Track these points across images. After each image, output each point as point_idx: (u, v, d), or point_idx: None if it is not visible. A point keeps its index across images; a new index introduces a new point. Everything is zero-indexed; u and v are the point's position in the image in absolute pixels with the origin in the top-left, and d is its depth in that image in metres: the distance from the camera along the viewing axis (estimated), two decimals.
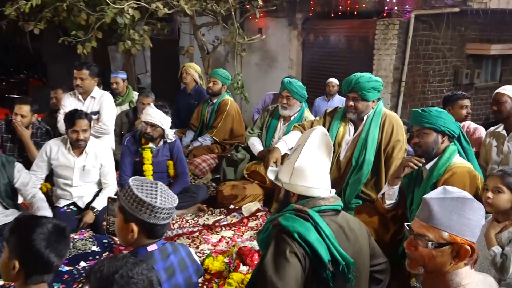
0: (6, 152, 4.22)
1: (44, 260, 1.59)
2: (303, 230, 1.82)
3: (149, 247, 1.81)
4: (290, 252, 1.80)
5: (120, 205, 1.82)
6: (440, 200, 1.49)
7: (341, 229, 1.94)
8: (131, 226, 1.78)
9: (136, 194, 1.75)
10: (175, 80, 6.82)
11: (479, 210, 1.49)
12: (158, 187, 1.82)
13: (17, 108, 4.15)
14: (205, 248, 3.42)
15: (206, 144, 5.31)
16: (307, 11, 7.87)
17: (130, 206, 1.76)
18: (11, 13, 5.73)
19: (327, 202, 1.96)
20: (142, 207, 1.75)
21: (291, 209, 1.95)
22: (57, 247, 1.62)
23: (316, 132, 2.05)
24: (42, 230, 1.62)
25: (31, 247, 1.59)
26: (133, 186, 1.78)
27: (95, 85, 4.62)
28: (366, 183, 3.42)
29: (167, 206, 1.79)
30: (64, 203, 3.74)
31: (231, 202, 4.14)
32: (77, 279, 2.95)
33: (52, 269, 1.62)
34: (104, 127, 4.54)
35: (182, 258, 1.92)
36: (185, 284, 1.87)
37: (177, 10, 6.34)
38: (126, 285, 1.31)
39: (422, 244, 1.49)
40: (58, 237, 1.64)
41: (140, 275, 1.34)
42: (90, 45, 6.15)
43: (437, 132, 2.71)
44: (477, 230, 1.48)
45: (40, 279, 1.61)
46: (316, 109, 6.52)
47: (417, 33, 6.71)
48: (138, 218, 1.76)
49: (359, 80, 3.34)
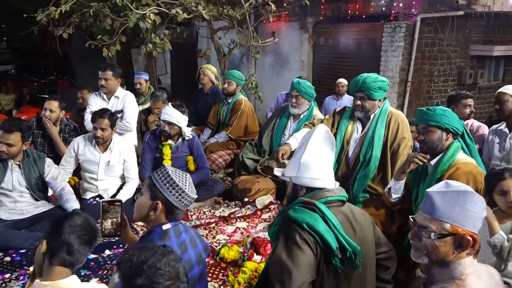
0: (37, 147, 4.28)
1: (66, 240, 1.61)
2: (312, 221, 1.85)
3: (164, 226, 1.90)
4: (301, 239, 1.82)
5: (151, 183, 1.91)
6: (442, 194, 1.49)
7: (347, 219, 1.95)
8: (157, 203, 1.87)
9: (171, 176, 1.88)
10: (193, 80, 6.84)
11: (480, 203, 1.48)
12: (188, 177, 1.96)
13: (46, 104, 4.21)
14: (221, 238, 3.43)
15: (222, 140, 5.33)
16: (318, 15, 7.82)
17: (163, 186, 1.87)
18: (42, 19, 5.80)
19: (332, 193, 1.98)
20: (173, 189, 1.87)
21: (299, 202, 1.98)
22: (80, 232, 1.65)
23: (319, 129, 2.08)
24: (72, 218, 1.67)
25: (58, 228, 1.64)
26: (169, 169, 1.91)
27: (118, 86, 4.66)
28: (373, 178, 3.40)
29: (191, 195, 1.92)
30: (91, 196, 3.79)
31: (245, 195, 4.14)
32: (102, 266, 2.99)
33: (73, 251, 1.62)
34: (127, 125, 4.57)
35: (192, 236, 1.99)
36: (196, 259, 1.94)
37: (196, 15, 6.35)
38: (154, 276, 1.31)
39: (426, 235, 1.49)
40: (84, 224, 1.68)
41: (168, 266, 1.35)
42: (115, 48, 6.19)
43: (441, 130, 2.67)
44: (478, 222, 1.47)
45: (61, 260, 1.61)
46: (325, 108, 6.48)
47: (423, 36, 6.62)
48: (165, 198, 1.87)
49: (366, 80, 3.32)
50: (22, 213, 3.31)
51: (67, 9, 5.65)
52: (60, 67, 18.72)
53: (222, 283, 2.83)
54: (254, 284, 2.76)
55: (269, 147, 4.54)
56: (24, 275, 2.87)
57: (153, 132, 4.15)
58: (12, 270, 2.93)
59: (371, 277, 2.04)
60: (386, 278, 2.19)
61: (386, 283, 2.19)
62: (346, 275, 1.87)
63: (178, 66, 11.82)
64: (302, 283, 1.77)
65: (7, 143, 3.13)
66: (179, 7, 5.98)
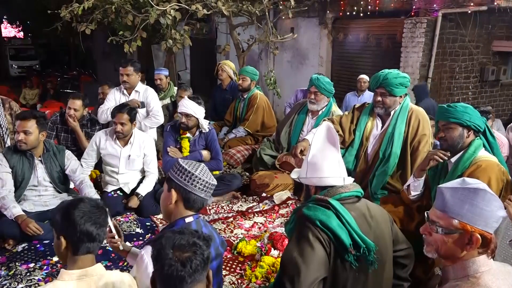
0: (61, 141, 4.36)
1: (84, 230, 1.61)
2: (325, 218, 1.85)
3: (186, 219, 1.90)
4: (313, 237, 1.83)
5: (167, 177, 1.95)
6: (453, 190, 1.49)
7: (362, 215, 1.94)
8: (171, 193, 1.88)
9: (181, 164, 1.90)
10: (212, 76, 6.86)
11: (493, 201, 1.45)
12: (202, 164, 1.95)
13: (70, 103, 4.27)
14: (239, 233, 3.45)
15: (240, 135, 5.34)
16: (337, 11, 7.75)
17: (174, 174, 1.90)
18: (66, 15, 5.91)
19: (346, 189, 1.97)
20: (182, 174, 1.87)
21: (313, 200, 1.99)
22: (92, 217, 1.64)
23: (321, 128, 2.09)
24: (78, 207, 1.65)
25: (70, 221, 1.62)
26: (181, 161, 1.93)
27: (139, 80, 4.71)
28: (392, 175, 3.36)
29: (204, 178, 1.88)
30: (112, 189, 3.85)
31: (263, 191, 4.14)
32: (122, 257, 3.02)
33: (94, 237, 1.63)
34: (157, 118, 4.66)
35: (210, 231, 1.99)
36: (215, 253, 1.94)
37: (215, 11, 6.37)
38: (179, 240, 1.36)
39: (435, 230, 1.50)
40: (92, 208, 1.66)
41: (193, 237, 1.38)
42: (136, 44, 6.26)
43: (462, 127, 2.62)
44: (491, 221, 1.44)
45: (86, 250, 1.63)
46: (346, 104, 6.42)
47: (444, 31, 6.50)
48: (177, 184, 1.87)
49: (387, 76, 3.27)
50: (46, 205, 3.38)
51: (89, 5, 5.74)
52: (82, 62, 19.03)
53: (239, 277, 2.85)
54: (271, 278, 2.77)
55: (287, 144, 4.53)
56: (48, 264, 2.94)
57: (172, 124, 4.20)
58: (36, 260, 3.00)
59: (388, 273, 2.03)
60: (403, 276, 2.17)
61: (403, 280, 2.18)
62: (362, 271, 1.86)
63: (198, 61, 11.87)
64: (312, 281, 1.78)
65: (23, 131, 3.19)
66: (199, 3, 6.01)
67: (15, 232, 3.09)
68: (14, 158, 3.28)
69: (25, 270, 2.87)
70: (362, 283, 1.89)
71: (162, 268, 1.32)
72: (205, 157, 4.07)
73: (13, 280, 2.75)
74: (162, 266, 1.32)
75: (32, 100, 11.65)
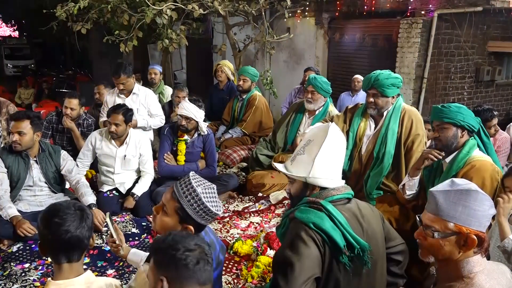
0: (56, 141, 4.36)
1: (60, 240, 1.53)
2: (318, 220, 1.83)
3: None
4: (307, 236, 1.81)
5: (181, 207, 1.75)
6: (445, 193, 1.49)
7: (354, 216, 1.94)
8: (186, 227, 1.77)
9: (206, 204, 1.75)
10: (209, 76, 6.87)
11: (485, 201, 1.46)
12: (216, 193, 1.84)
13: (67, 102, 4.27)
14: (235, 233, 3.45)
15: (236, 136, 5.34)
16: (333, 11, 7.76)
17: (195, 213, 1.75)
18: (61, 15, 5.89)
19: (338, 191, 1.96)
20: (206, 215, 1.78)
21: (304, 202, 1.96)
22: (78, 221, 1.57)
23: (333, 129, 2.01)
24: (59, 215, 1.56)
25: (46, 230, 1.56)
26: (201, 193, 1.75)
27: (134, 82, 4.70)
28: (387, 175, 3.37)
29: (219, 213, 1.83)
30: (107, 189, 3.84)
31: (259, 190, 4.15)
32: (118, 257, 3.02)
33: (82, 243, 1.56)
34: (160, 119, 4.77)
35: (211, 239, 1.97)
36: (216, 261, 1.92)
37: (211, 11, 6.37)
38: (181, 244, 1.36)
39: (430, 234, 1.50)
40: (73, 212, 1.59)
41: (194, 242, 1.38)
42: (132, 43, 6.25)
43: (456, 127, 2.64)
44: (484, 220, 1.46)
45: (66, 259, 1.56)
46: (340, 103, 6.43)
47: (440, 32, 6.52)
48: (197, 222, 1.78)
49: (379, 77, 3.27)
50: (41, 205, 3.37)
51: (85, 5, 5.72)
52: (78, 62, 18.97)
53: (235, 277, 2.85)
54: (267, 278, 2.77)
55: (283, 143, 4.54)
56: (43, 265, 2.94)
57: (171, 125, 4.19)
58: (31, 260, 2.99)
59: (381, 271, 2.03)
60: (398, 272, 2.17)
61: (398, 277, 2.17)
62: (355, 271, 1.86)
63: (194, 61, 11.86)
64: (306, 279, 1.75)
65: (18, 131, 3.18)
66: (195, 2, 6.00)
67: (9, 232, 3.08)
68: (9, 158, 3.27)
69: (20, 270, 2.86)
70: (355, 283, 1.89)
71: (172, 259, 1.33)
72: (201, 168, 4.08)
73: (8, 281, 2.74)
74: (173, 258, 1.33)
75: (27, 100, 11.61)
